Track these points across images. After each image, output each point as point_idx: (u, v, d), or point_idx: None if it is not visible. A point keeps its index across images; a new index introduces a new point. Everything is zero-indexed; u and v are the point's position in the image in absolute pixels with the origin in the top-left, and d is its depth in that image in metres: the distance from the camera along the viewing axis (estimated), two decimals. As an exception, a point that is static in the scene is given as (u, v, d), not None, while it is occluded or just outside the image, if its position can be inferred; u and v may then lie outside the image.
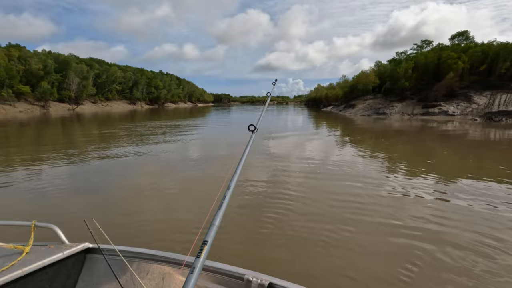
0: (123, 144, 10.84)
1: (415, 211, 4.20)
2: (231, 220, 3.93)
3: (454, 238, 3.39)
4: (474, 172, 6.49)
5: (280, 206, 4.39)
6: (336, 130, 16.46)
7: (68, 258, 1.58)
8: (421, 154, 8.99)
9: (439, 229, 3.63)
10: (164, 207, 4.45)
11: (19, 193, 5.07)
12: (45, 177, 6.05)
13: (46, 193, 5.02)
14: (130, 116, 31.89)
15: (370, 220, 3.91)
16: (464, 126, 18.03)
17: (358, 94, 39.06)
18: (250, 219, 4.02)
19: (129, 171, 6.87)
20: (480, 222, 3.82)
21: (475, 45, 30.58)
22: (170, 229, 3.66)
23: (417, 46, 36.10)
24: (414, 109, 27.80)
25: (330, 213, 4.18)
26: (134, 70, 73.13)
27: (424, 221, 3.85)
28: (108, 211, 4.28)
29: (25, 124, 20.78)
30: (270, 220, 3.90)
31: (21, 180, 5.83)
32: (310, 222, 3.84)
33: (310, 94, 74.89)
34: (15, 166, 7.08)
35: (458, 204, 4.50)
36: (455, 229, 3.61)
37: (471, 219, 3.93)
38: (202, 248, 0.85)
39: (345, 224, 3.77)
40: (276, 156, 8.39)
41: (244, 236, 3.50)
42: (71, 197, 4.89)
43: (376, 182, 5.66)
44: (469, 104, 25.49)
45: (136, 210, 4.30)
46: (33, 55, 45.24)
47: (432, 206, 4.43)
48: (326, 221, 3.86)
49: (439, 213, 4.14)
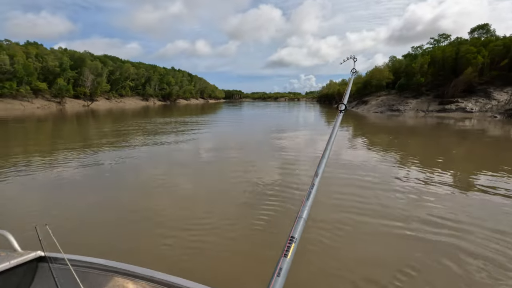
0: (138, 143, 10.96)
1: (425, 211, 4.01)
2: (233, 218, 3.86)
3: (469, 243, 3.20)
4: (491, 170, 6.17)
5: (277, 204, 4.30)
6: (347, 129, 16.13)
7: (19, 267, 1.48)
8: (435, 154, 8.65)
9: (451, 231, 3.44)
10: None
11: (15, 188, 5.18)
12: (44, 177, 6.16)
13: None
14: (143, 112, 32.35)
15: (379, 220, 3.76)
16: (482, 124, 17.31)
17: (372, 90, 38.17)
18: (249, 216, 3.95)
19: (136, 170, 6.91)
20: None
21: (496, 38, 29.20)
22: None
23: (434, 40, 34.83)
24: (430, 105, 26.92)
25: (335, 208, 4.05)
26: (147, 66, 74.14)
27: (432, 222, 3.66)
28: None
29: (43, 120, 21.38)
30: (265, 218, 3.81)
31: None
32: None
33: (322, 90, 73.85)
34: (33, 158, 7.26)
35: (473, 202, 4.28)
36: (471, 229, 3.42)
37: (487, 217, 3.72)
38: (290, 245, 0.73)
39: (345, 224, 3.64)
40: (287, 157, 8.26)
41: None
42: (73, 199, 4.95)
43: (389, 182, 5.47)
44: (488, 100, 24.46)
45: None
46: (50, 52, 46.52)
47: (443, 205, 4.22)
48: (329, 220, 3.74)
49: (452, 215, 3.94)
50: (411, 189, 5.08)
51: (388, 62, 42.30)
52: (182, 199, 4.69)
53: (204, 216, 3.96)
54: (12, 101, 37.92)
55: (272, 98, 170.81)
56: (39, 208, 4.34)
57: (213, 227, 3.62)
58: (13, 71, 37.72)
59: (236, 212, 4.14)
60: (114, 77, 59.19)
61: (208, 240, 3.30)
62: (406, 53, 38.08)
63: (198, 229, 3.56)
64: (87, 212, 4.16)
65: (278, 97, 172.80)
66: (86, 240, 3.30)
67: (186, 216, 3.99)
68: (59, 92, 43.80)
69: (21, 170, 6.34)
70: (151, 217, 3.94)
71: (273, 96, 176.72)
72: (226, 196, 4.85)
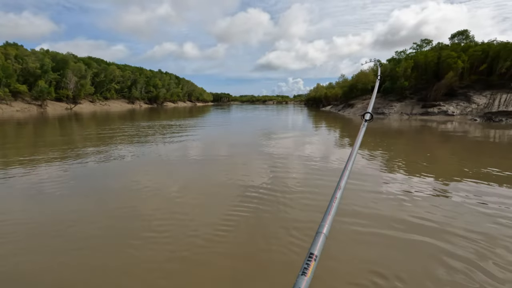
0: (121, 148, 10.63)
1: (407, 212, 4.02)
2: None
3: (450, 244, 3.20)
4: (472, 174, 6.31)
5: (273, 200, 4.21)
6: (335, 131, 16.25)
7: None
8: (419, 155, 8.81)
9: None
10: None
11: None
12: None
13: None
14: (129, 115, 31.66)
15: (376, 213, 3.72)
16: (463, 127, 17.86)
17: (357, 93, 38.85)
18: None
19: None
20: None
21: (475, 44, 30.37)
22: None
23: (417, 45, 35.88)
24: (414, 109, 27.62)
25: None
26: (133, 69, 72.83)
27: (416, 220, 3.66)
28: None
29: (22, 123, 20.54)
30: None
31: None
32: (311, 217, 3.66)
33: (310, 93, 74.58)
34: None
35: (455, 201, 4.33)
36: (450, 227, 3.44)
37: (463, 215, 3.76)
38: (309, 262, 0.66)
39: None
40: (276, 157, 8.19)
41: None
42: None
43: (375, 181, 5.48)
44: (468, 104, 25.32)
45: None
46: (30, 54, 44.97)
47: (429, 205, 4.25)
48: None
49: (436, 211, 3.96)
50: (396, 192, 5.11)
51: (373, 66, 43.22)
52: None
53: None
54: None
55: (261, 101, 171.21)
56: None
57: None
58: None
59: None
60: (98, 80, 57.76)
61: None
62: (390, 58, 39.04)
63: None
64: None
65: (267, 100, 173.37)
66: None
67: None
68: (40, 95, 42.29)
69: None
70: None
71: (262, 99, 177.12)
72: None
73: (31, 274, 2.79)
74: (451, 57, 27.75)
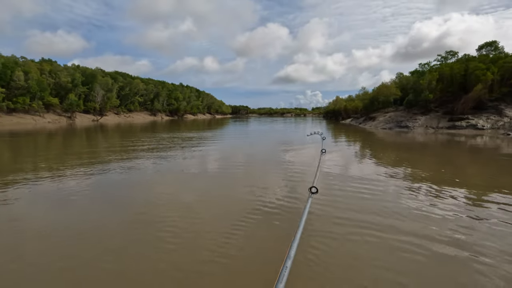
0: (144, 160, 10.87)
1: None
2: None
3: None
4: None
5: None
6: (356, 144, 15.85)
7: None
8: (448, 171, 8.33)
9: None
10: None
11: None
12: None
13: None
14: (151, 127, 32.65)
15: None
16: (495, 141, 16.85)
17: (379, 106, 38.00)
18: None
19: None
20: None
21: (506, 55, 29.01)
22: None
23: (442, 57, 34.80)
24: (440, 122, 26.53)
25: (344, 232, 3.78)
26: (156, 82, 75.75)
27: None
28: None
29: (53, 134, 21.68)
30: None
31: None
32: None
33: (329, 106, 73.98)
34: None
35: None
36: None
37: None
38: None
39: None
40: (294, 171, 8.04)
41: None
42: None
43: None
44: (500, 117, 23.99)
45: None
46: (63, 69, 48.05)
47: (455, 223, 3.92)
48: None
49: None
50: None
51: (395, 78, 42.36)
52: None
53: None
54: (24, 116, 38.83)
55: (279, 113, 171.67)
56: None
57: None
58: (27, 87, 38.86)
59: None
60: (123, 93, 60.49)
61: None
62: (413, 70, 38.03)
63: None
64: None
65: (285, 112, 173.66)
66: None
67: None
68: (70, 107, 44.78)
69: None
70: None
71: (280, 112, 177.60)
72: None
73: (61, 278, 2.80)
74: (480, 68, 26.62)
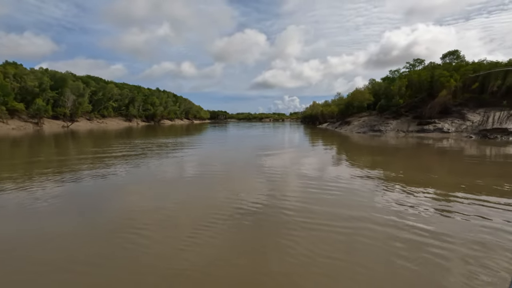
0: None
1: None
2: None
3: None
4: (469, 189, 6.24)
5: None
6: (332, 148, 16.27)
7: None
8: (418, 171, 8.76)
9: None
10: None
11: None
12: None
13: None
14: (125, 133, 31.57)
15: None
16: (459, 144, 17.99)
17: (353, 111, 39.34)
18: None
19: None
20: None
21: (466, 63, 31.25)
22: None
23: (410, 64, 36.81)
24: (410, 126, 27.90)
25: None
26: (131, 87, 73.62)
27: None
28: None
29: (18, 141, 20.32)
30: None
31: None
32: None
33: (306, 111, 75.42)
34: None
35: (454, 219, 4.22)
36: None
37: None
38: None
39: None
40: (273, 175, 8.09)
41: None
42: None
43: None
44: (463, 121, 25.66)
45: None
46: (29, 72, 45.38)
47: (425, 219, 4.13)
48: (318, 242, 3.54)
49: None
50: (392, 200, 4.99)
51: (368, 84, 44.13)
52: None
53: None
54: (-16, 122, 36.14)
55: (257, 118, 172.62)
56: None
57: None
58: (-12, 91, 36.28)
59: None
60: (96, 98, 58.16)
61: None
62: (385, 76, 39.91)
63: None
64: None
65: (263, 117, 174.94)
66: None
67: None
68: (37, 113, 42.28)
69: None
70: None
71: (258, 117, 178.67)
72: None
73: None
74: (444, 76, 28.43)
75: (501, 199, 5.80)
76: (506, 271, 3.09)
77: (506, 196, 6.07)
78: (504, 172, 9.03)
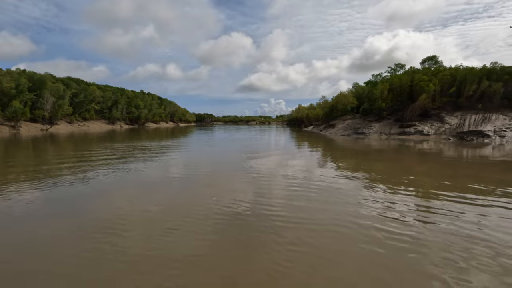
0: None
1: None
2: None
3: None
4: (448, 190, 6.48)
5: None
6: (318, 150, 16.47)
7: None
8: (399, 172, 9.00)
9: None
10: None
11: None
12: None
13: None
14: (108, 137, 30.74)
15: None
16: (438, 146, 18.65)
17: (338, 114, 40.09)
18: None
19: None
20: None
21: (444, 69, 32.56)
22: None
23: (391, 69, 37.98)
24: (392, 129, 28.70)
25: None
26: (114, 89, 71.88)
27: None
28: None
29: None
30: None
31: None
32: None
33: (292, 114, 76.23)
34: None
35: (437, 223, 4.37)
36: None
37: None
38: None
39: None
40: (260, 176, 8.08)
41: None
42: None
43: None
44: (442, 124, 26.65)
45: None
46: (5, 73, 43.55)
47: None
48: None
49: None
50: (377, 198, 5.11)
51: (351, 88, 45.09)
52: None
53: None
54: (-44, 125, 34.27)
55: (244, 121, 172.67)
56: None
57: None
58: (-40, 93, 34.44)
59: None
60: (77, 100, 56.38)
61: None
62: (368, 80, 40.95)
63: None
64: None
65: (249, 120, 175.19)
66: None
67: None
68: (13, 115, 40.48)
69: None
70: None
71: (245, 120, 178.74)
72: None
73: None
74: (423, 80, 29.48)
75: (477, 197, 6.05)
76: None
77: (481, 194, 6.34)
78: (476, 173, 9.43)
